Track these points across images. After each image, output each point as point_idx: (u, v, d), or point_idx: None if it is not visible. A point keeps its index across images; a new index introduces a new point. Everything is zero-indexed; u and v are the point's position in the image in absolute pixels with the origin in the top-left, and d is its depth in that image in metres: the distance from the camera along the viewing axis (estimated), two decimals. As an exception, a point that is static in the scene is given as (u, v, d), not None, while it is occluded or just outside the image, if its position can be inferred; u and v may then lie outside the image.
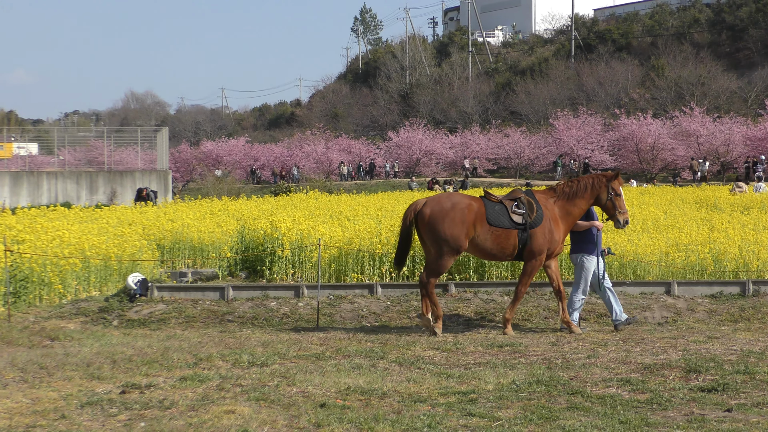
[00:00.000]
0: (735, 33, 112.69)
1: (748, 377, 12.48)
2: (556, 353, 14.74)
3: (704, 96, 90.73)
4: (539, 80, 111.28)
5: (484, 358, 14.39)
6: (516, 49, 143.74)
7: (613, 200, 17.28)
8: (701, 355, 14.21)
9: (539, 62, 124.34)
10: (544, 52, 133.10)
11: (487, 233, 16.93)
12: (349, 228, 24.08)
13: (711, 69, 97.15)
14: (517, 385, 12.19)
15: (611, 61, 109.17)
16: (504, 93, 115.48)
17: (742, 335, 16.54)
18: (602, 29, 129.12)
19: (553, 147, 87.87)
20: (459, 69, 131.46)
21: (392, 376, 12.94)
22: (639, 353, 14.60)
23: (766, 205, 35.79)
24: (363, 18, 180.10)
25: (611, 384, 12.31)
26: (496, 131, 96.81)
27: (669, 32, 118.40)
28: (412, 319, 18.86)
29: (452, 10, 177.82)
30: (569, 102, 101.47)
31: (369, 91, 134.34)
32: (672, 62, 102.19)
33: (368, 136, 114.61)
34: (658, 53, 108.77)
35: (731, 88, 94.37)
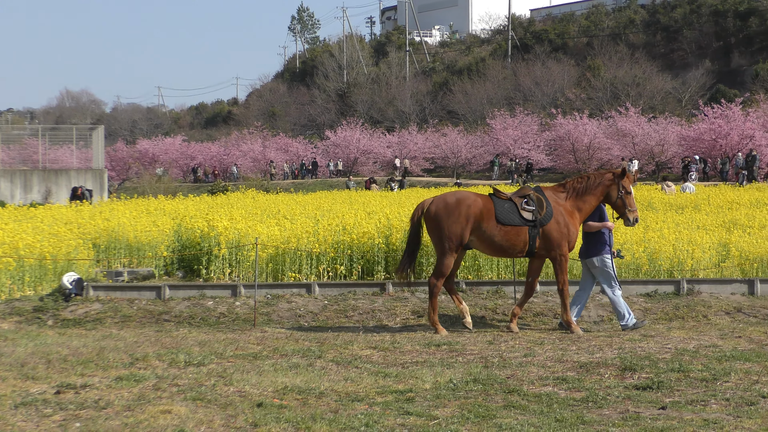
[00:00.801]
0: (669, 34, 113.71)
1: (682, 375, 12.61)
2: (493, 352, 14.79)
3: (639, 96, 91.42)
4: (476, 80, 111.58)
5: (421, 357, 14.41)
6: (453, 49, 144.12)
7: (623, 198, 17.33)
8: (636, 354, 14.33)
9: (476, 62, 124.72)
10: (481, 51, 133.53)
11: (497, 230, 16.96)
12: (287, 227, 24.03)
13: (646, 69, 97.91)
14: (454, 384, 12.22)
15: (548, 61, 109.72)
16: (441, 92, 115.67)
17: (677, 333, 16.70)
18: (539, 29, 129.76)
19: (490, 146, 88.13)
20: (396, 68, 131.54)
21: (329, 375, 12.93)
22: (575, 352, 14.69)
23: (699, 204, 36.15)
24: (300, 17, 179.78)
25: (547, 382, 12.37)
26: (433, 131, 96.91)
27: (605, 33, 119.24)
28: (350, 317, 18.86)
29: (390, 10, 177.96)
30: (506, 102, 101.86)
31: (306, 90, 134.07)
32: (608, 62, 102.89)
33: (306, 135, 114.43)
34: (594, 53, 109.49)
35: (666, 88, 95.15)
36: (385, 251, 21.98)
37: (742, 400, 11.21)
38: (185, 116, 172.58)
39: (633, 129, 77.66)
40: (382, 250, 21.94)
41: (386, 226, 22.74)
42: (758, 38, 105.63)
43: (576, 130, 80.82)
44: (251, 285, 20.34)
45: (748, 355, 14.06)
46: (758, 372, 12.83)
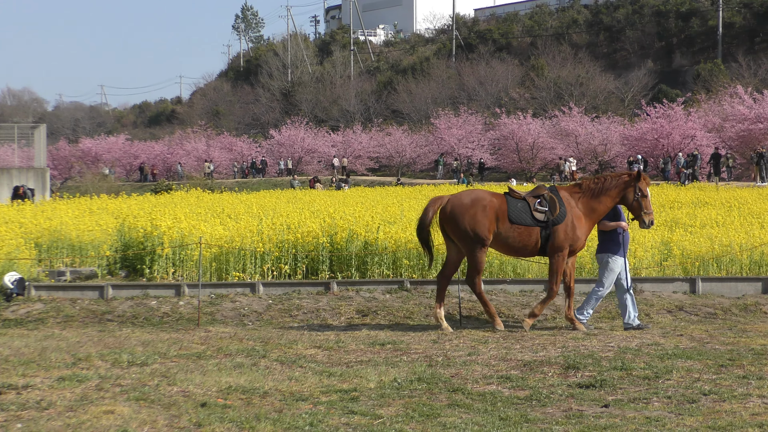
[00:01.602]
0: (612, 34, 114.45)
1: (624, 373, 12.69)
2: (437, 351, 14.81)
3: (583, 96, 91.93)
4: (421, 79, 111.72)
5: (366, 356, 14.41)
6: (398, 48, 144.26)
7: (639, 200, 17.22)
8: (580, 352, 14.41)
9: (421, 61, 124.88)
10: (425, 51, 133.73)
11: (510, 230, 16.94)
12: (231, 226, 23.96)
13: (589, 69, 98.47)
14: (398, 383, 12.23)
15: (492, 61, 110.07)
16: (386, 92, 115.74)
17: (619, 332, 16.80)
18: (483, 29, 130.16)
19: (435, 146, 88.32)
20: (341, 67, 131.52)
21: (274, 374, 12.90)
22: (519, 350, 14.74)
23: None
24: (245, 16, 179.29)
25: (491, 381, 12.41)
26: (377, 130, 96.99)
27: (548, 33, 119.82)
28: (295, 317, 18.83)
29: (334, 9, 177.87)
30: (450, 101, 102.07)
31: (251, 89, 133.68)
32: (551, 62, 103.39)
33: (250, 135, 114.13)
34: (537, 53, 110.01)
35: (609, 88, 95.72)
36: (329, 250, 21.96)
37: (683, 398, 11.29)
38: (128, 115, 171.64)
39: (576, 128, 78.09)
40: (327, 249, 21.92)
41: (331, 225, 22.73)
42: (699, 39, 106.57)
43: (520, 129, 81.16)
44: (195, 284, 20.26)
45: (690, 353, 14.18)
46: (699, 370, 12.93)
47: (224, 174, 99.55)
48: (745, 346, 14.95)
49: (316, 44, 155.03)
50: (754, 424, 10.12)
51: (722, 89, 78.14)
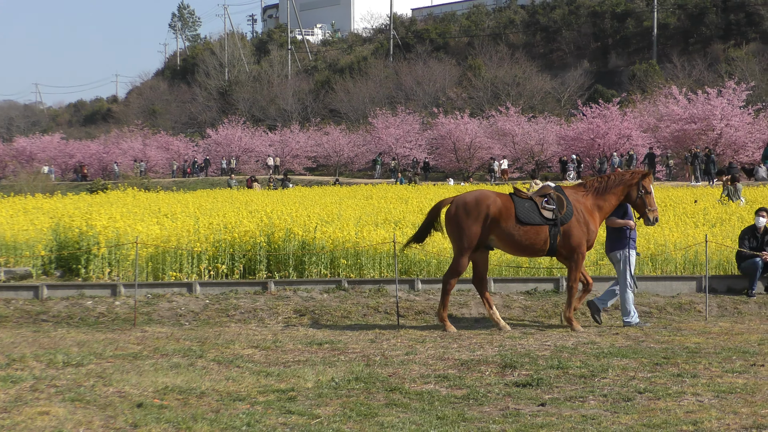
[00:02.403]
0: (549, 34, 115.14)
1: (561, 372, 12.77)
2: (375, 350, 14.82)
3: (519, 96, 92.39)
4: (358, 79, 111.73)
5: (303, 356, 14.39)
6: (335, 48, 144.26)
7: (643, 198, 17.44)
8: (516, 351, 14.48)
9: (358, 61, 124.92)
10: (363, 50, 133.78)
11: (517, 229, 16.98)
12: (168, 226, 23.81)
13: (526, 69, 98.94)
14: (336, 383, 12.22)
15: (429, 61, 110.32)
16: (323, 91, 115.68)
17: (556, 331, 16.89)
18: (420, 29, 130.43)
19: (372, 145, 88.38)
20: (278, 67, 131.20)
21: (211, 374, 12.85)
22: (456, 349, 14.78)
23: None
24: (181, 14, 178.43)
25: (429, 380, 12.43)
26: (315, 129, 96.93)
27: (485, 33, 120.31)
28: (232, 317, 18.77)
29: (271, 8, 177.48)
30: (388, 101, 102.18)
31: (188, 88, 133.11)
32: (488, 62, 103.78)
33: (187, 133, 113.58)
34: (474, 53, 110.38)
35: (545, 88, 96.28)
36: (267, 250, 21.90)
37: (619, 396, 11.38)
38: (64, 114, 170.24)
39: (513, 128, 78.46)
40: (264, 248, 21.85)
41: (268, 225, 22.66)
42: (635, 39, 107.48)
43: (457, 129, 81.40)
44: (131, 284, 20.13)
45: (625, 352, 14.29)
46: (635, 368, 13.04)
47: (161, 173, 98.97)
48: (679, 345, 15.09)
49: (253, 43, 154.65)
50: (688, 421, 10.22)
51: (657, 89, 78.84)
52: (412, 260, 21.59)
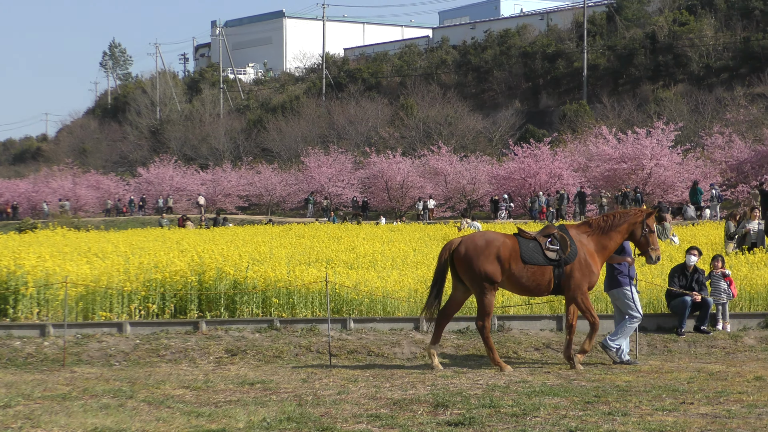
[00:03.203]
0: (480, 74, 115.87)
1: (493, 411, 12.77)
2: (307, 390, 14.76)
3: (451, 135, 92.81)
4: (291, 118, 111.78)
5: (234, 396, 14.29)
6: (268, 87, 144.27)
7: (647, 236, 17.44)
8: (449, 390, 14.47)
9: (291, 100, 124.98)
10: (295, 90, 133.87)
11: (523, 270, 16.95)
12: (98, 265, 23.60)
13: (458, 109, 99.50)
14: (267, 423, 12.14)
15: (361, 100, 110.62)
16: (256, 130, 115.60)
17: (488, 370, 16.91)
18: (353, 68, 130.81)
19: (305, 184, 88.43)
20: (210, 105, 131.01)
21: (141, 415, 12.72)
22: (389, 389, 14.76)
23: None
24: (112, 53, 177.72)
25: (361, 420, 12.39)
26: (247, 168, 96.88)
27: (417, 72, 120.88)
28: (163, 357, 18.62)
29: (203, 47, 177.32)
30: (320, 140, 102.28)
31: (119, 127, 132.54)
32: (420, 102, 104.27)
33: (117, 172, 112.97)
34: (407, 93, 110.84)
35: (477, 128, 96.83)
36: (198, 289, 21.77)
37: (551, 435, 11.41)
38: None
39: (445, 168, 78.81)
40: (195, 288, 21.72)
41: (199, 264, 22.53)
42: (565, 80, 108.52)
43: (389, 168, 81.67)
44: (60, 324, 19.92)
45: (557, 390, 14.34)
46: (566, 406, 13.08)
47: (92, 212, 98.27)
48: (610, 383, 15.17)
49: (185, 82, 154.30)
50: (619, 459, 10.26)
51: (587, 129, 79.66)
52: (345, 299, 21.56)
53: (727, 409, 12.87)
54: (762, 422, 12.07)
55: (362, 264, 28.16)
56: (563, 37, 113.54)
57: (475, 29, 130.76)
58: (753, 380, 15.48)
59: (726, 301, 20.60)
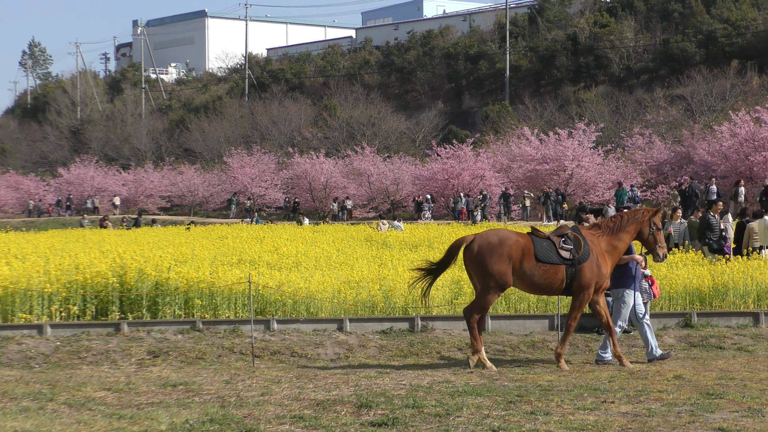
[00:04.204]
0: (404, 75, 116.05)
1: (416, 411, 12.80)
2: (230, 391, 14.70)
3: (375, 136, 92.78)
4: (213, 118, 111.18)
5: (157, 398, 14.19)
6: (190, 87, 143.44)
7: (654, 235, 17.66)
8: (372, 390, 14.48)
9: (213, 100, 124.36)
10: (218, 90, 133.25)
11: (536, 268, 17.09)
12: (17, 267, 23.30)
13: (381, 110, 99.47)
14: (190, 425, 12.08)
15: (285, 101, 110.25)
16: (178, 130, 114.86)
17: (411, 370, 16.95)
18: (276, 69, 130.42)
19: (228, 185, 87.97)
20: (132, 105, 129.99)
21: (62, 418, 12.59)
22: (312, 390, 14.74)
23: (433, 242, 36.91)
24: (32, 52, 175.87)
25: (285, 421, 12.36)
26: (170, 168, 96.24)
27: (341, 73, 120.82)
28: (84, 359, 18.43)
29: (125, 46, 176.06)
30: (243, 140, 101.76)
31: (38, 127, 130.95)
32: (344, 102, 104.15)
33: (38, 173, 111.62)
34: (330, 93, 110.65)
35: (400, 128, 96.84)
36: (119, 291, 21.59)
37: (474, 434, 11.46)
38: None
39: (369, 168, 78.82)
40: (117, 289, 21.55)
41: (120, 266, 22.34)
42: (487, 81, 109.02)
43: (313, 169, 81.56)
44: (-21, 327, 19.66)
45: (480, 390, 14.40)
46: (489, 406, 13.14)
47: (11, 213, 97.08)
48: (532, 383, 15.27)
49: (106, 82, 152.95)
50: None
51: (510, 130, 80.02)
52: (268, 300, 21.51)
53: (647, 408, 13.01)
54: (681, 420, 12.22)
55: (286, 265, 28.12)
56: (486, 39, 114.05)
57: (398, 30, 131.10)
58: (672, 379, 15.67)
59: (647, 301, 20.81)
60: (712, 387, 14.72)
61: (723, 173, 57.39)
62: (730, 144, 58.69)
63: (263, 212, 78.90)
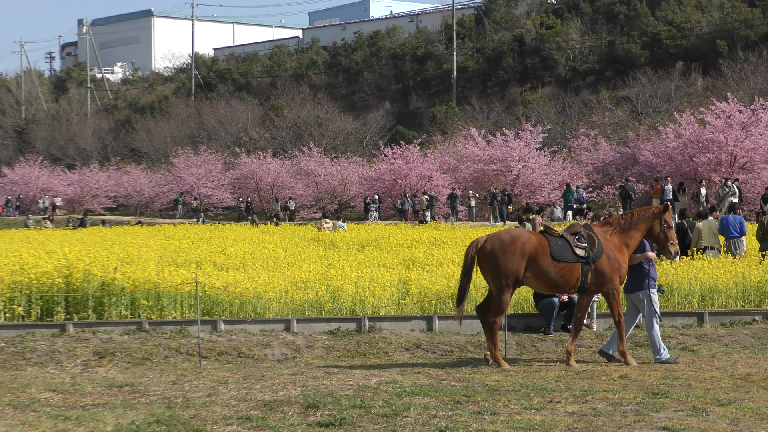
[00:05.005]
0: (351, 76, 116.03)
1: (363, 411, 12.80)
2: (176, 392, 14.63)
3: (322, 136, 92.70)
4: (160, 118, 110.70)
5: (103, 399, 14.11)
6: (136, 87, 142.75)
7: (665, 232, 17.74)
8: (320, 391, 14.47)
9: (159, 100, 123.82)
10: (164, 89, 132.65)
11: (551, 266, 17.18)
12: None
13: (328, 110, 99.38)
14: (136, 426, 12.02)
15: (231, 101, 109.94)
16: (124, 130, 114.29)
17: (359, 370, 16.95)
18: (222, 68, 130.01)
19: (174, 185, 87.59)
20: (77, 105, 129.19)
21: (5, 419, 12.49)
22: (259, 390, 14.70)
23: (380, 243, 36.93)
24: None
25: (232, 422, 12.33)
26: (115, 168, 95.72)
27: (288, 73, 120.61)
28: (29, 360, 18.28)
29: (70, 45, 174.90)
30: (190, 140, 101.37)
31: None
32: (291, 103, 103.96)
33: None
34: (277, 93, 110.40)
35: (348, 129, 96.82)
36: (65, 291, 21.44)
37: (421, 434, 11.48)
38: None
39: (316, 168, 78.76)
40: (62, 290, 21.39)
41: (66, 266, 22.18)
42: (434, 82, 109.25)
43: (260, 169, 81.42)
44: None
45: (427, 390, 14.43)
46: (436, 406, 13.16)
47: None
48: (479, 383, 15.31)
49: (51, 81, 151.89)
50: (489, 458, 10.36)
51: (457, 131, 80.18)
52: (215, 301, 21.44)
53: (593, 407, 13.09)
54: (627, 420, 12.30)
55: (233, 265, 28.05)
56: (433, 39, 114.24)
57: (345, 30, 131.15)
58: (618, 378, 15.78)
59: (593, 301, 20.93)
60: (657, 386, 14.84)
61: (668, 174, 57.77)
62: (675, 145, 59.11)
63: (210, 212, 78.66)
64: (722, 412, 12.83)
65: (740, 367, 17.03)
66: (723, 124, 56.24)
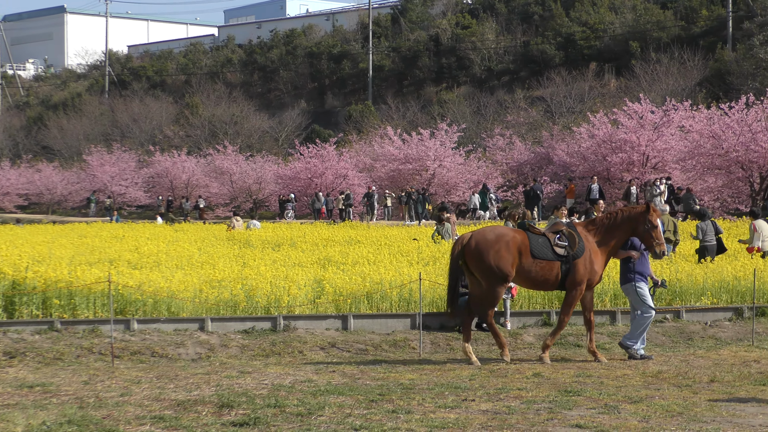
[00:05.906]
0: (266, 74, 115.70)
1: (278, 410, 12.78)
2: (88, 392, 14.49)
3: (237, 135, 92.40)
4: (72, 115, 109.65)
5: (13, 399, 13.93)
6: (48, 83, 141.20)
7: (650, 232, 17.72)
8: (234, 390, 14.42)
9: (72, 97, 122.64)
10: (77, 87, 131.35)
11: (532, 264, 17.34)
12: None
13: (244, 108, 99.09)
14: (47, 426, 11.89)
15: (146, 98, 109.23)
16: (36, 127, 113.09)
17: (274, 369, 16.90)
18: (137, 66, 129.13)
19: (87, 183, 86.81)
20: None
21: None
22: (173, 390, 14.61)
23: (296, 241, 36.83)
24: None
25: (145, 421, 12.24)
26: (27, 166, 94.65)
27: (203, 71, 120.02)
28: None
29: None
30: (103, 138, 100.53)
31: None
32: (206, 101, 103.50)
33: None
34: (192, 91, 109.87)
35: (263, 127, 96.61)
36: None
37: (336, 433, 11.48)
38: None
39: (231, 167, 78.45)
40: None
41: (-24, 265, 21.87)
42: (350, 81, 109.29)
43: (174, 167, 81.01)
44: None
45: (342, 389, 14.43)
46: (351, 405, 13.17)
47: None
48: (394, 381, 15.35)
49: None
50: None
51: (373, 130, 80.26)
52: (128, 300, 21.22)
53: (507, 405, 13.18)
54: (540, 417, 12.40)
55: (146, 264, 27.80)
56: (349, 38, 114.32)
57: (261, 28, 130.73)
58: (532, 377, 15.90)
59: (507, 299, 21.05)
60: (570, 384, 14.98)
61: (581, 174, 58.33)
62: (589, 145, 59.61)
63: (123, 211, 78.02)
64: (634, 409, 12.98)
65: (651, 365, 17.26)
66: (635, 125, 56.78)
